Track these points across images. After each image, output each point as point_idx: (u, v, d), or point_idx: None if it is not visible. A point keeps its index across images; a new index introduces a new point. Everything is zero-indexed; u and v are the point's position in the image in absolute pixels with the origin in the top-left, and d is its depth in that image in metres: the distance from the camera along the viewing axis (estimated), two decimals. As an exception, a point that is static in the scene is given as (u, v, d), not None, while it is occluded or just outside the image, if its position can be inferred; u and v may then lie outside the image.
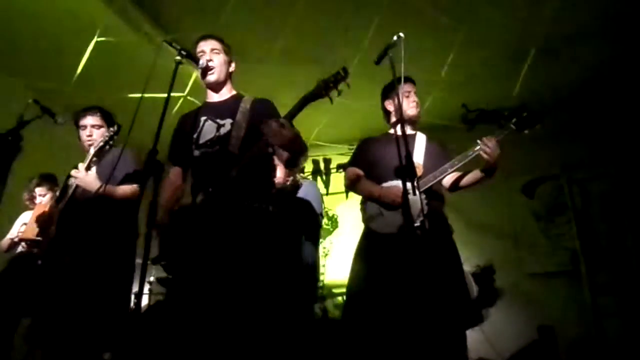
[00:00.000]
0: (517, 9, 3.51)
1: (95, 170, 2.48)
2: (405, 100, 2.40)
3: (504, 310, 4.40)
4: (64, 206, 2.53)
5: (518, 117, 2.32)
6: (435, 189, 2.35)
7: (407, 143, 1.82)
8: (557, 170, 4.80)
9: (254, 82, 3.45)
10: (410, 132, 2.41)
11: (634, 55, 4.08)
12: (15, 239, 3.38)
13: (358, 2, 3.43)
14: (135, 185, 2.50)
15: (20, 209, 3.55)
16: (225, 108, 2.11)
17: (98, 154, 2.47)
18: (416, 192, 1.85)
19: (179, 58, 1.92)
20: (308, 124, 4.14)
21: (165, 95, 1.81)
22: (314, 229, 3.15)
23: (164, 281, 4.07)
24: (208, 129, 2.06)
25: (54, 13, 3.47)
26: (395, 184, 2.28)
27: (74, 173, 2.45)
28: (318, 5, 3.42)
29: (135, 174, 2.52)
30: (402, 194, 1.83)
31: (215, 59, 2.13)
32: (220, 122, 2.06)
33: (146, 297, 4.45)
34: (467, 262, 3.85)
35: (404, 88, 2.37)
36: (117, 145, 2.50)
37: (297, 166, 2.23)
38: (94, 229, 2.41)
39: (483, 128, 2.56)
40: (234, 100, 2.14)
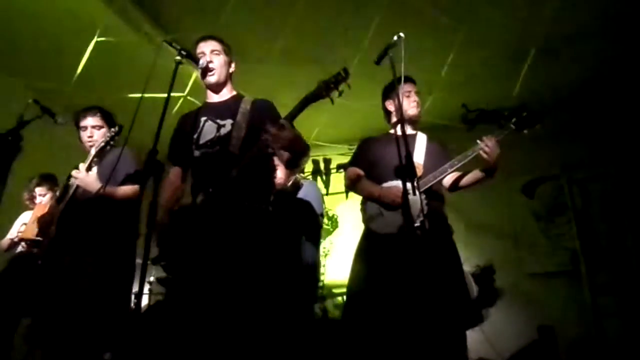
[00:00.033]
0: (517, 9, 3.51)
1: (96, 170, 2.49)
2: (406, 100, 2.40)
3: (504, 310, 4.39)
4: (65, 206, 2.53)
5: (518, 117, 2.32)
6: (435, 189, 2.34)
7: (408, 143, 1.82)
8: (557, 170, 4.80)
9: (254, 82, 3.44)
10: (410, 132, 2.41)
11: (634, 55, 4.08)
12: (15, 239, 3.38)
13: (358, 2, 3.43)
14: (136, 186, 2.49)
15: (20, 209, 3.55)
16: (226, 108, 2.11)
17: (99, 154, 2.48)
18: (416, 192, 1.85)
19: (179, 58, 1.92)
20: (308, 124, 4.12)
21: (165, 95, 1.82)
22: (315, 229, 3.14)
23: (164, 281, 4.06)
24: (208, 130, 2.06)
25: (54, 13, 3.47)
26: (395, 184, 2.28)
27: (74, 173, 2.46)
28: (318, 5, 3.42)
29: (136, 174, 2.52)
30: (402, 194, 1.82)
31: (215, 60, 2.12)
32: (220, 123, 2.06)
33: (146, 297, 4.45)
34: (467, 262, 3.86)
35: (405, 88, 2.36)
36: (118, 145, 2.50)
37: (298, 167, 2.22)
38: (95, 229, 2.41)
39: (483, 128, 2.56)
40: (234, 101, 2.14)
